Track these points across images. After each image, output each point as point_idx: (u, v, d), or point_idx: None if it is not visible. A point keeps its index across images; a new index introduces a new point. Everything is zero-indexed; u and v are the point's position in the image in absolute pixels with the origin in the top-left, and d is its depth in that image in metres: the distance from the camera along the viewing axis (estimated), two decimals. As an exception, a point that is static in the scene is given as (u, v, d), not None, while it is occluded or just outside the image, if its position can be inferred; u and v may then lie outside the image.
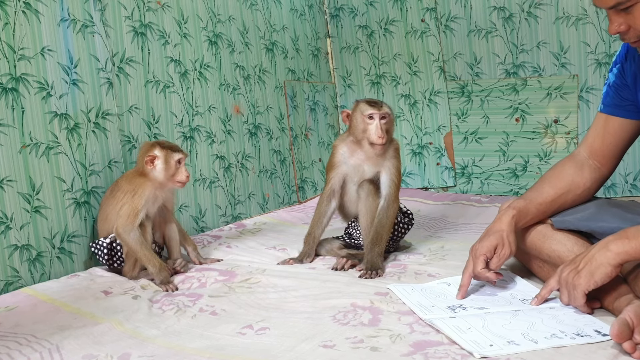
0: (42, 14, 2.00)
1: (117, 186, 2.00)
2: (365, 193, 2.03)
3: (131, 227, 1.90)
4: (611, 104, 1.67)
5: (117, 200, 1.95)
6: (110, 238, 1.96)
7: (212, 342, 1.44)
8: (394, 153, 2.06)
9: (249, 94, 2.93)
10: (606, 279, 1.37)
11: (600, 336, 1.32)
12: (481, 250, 1.61)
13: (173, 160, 1.96)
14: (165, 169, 1.95)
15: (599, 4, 1.39)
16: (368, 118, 1.99)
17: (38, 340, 1.46)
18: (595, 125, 1.72)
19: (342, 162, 2.08)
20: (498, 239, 1.61)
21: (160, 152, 1.95)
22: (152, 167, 1.95)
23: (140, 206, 1.92)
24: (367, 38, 3.47)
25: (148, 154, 1.95)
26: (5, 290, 1.86)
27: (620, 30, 1.40)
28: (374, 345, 1.37)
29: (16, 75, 1.92)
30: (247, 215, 2.86)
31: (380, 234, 1.98)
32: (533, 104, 3.07)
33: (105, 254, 1.96)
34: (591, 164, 1.71)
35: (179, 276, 1.96)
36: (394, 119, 2.05)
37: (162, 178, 1.96)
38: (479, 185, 3.27)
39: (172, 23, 2.52)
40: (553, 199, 1.68)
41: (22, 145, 1.93)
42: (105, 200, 2.02)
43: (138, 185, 1.94)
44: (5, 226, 1.87)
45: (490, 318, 1.45)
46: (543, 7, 2.96)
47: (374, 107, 1.99)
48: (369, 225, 2.02)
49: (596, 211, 1.64)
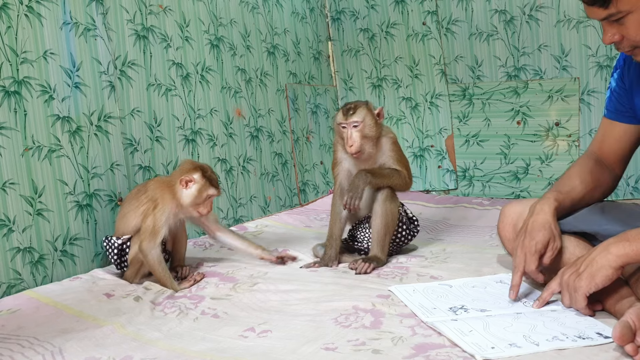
0: (45, 17, 2.00)
1: (145, 188, 1.97)
2: (383, 197, 2.01)
3: (153, 244, 1.87)
4: (613, 109, 1.68)
5: (140, 204, 1.93)
6: (123, 239, 1.95)
7: (214, 345, 1.45)
8: (391, 146, 2.06)
9: (251, 97, 2.93)
10: (607, 281, 1.37)
11: (602, 339, 1.32)
12: (537, 247, 1.53)
13: (206, 193, 1.93)
14: (195, 196, 1.92)
15: (591, 15, 1.41)
16: (342, 127, 1.99)
17: (40, 342, 1.47)
18: (601, 129, 1.73)
19: (343, 159, 2.08)
20: (549, 232, 1.54)
21: (200, 180, 1.91)
22: (183, 188, 1.91)
23: (161, 223, 1.88)
24: (368, 41, 3.47)
25: (187, 175, 1.91)
26: (8, 292, 1.86)
27: (614, 40, 1.41)
28: (376, 347, 1.37)
29: (19, 79, 1.92)
30: (248, 218, 2.86)
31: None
32: (534, 106, 3.07)
33: (115, 254, 1.96)
34: (607, 164, 1.72)
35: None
36: (371, 122, 1.99)
37: (188, 203, 1.92)
38: (480, 188, 3.27)
39: (174, 26, 2.53)
40: (583, 194, 1.67)
41: (24, 148, 1.94)
42: (130, 198, 1.99)
43: (162, 199, 1.91)
44: (8, 229, 1.88)
45: (491, 320, 1.45)
46: (544, 10, 2.96)
47: (344, 116, 1.98)
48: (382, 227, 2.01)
49: (597, 214, 1.65)
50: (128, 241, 1.95)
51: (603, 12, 1.37)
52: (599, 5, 1.36)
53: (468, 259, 2.03)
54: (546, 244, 1.54)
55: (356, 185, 1.94)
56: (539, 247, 1.54)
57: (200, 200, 1.92)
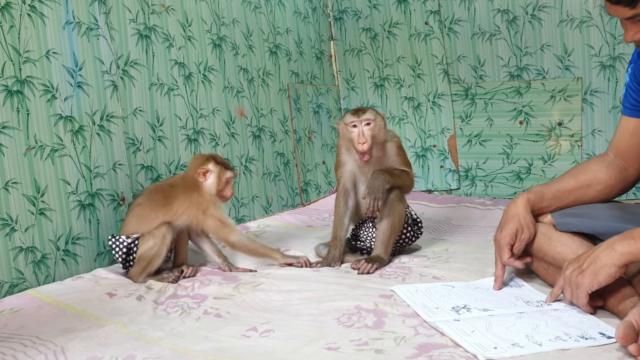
0: (47, 16, 2.01)
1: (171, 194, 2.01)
2: (393, 198, 2.00)
3: (237, 232, 2.03)
4: (629, 105, 1.67)
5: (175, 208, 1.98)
6: (132, 238, 1.95)
7: (216, 345, 1.44)
8: (397, 150, 2.05)
9: (253, 97, 2.93)
10: (610, 279, 1.37)
11: (605, 339, 1.32)
12: (504, 240, 1.65)
13: (224, 177, 2.05)
14: (217, 183, 2.04)
15: (614, 13, 1.40)
16: (352, 127, 1.98)
17: (43, 342, 1.47)
18: (619, 126, 1.73)
19: (347, 161, 2.07)
20: (516, 223, 1.65)
21: (215, 168, 2.04)
22: (203, 179, 2.02)
23: (224, 214, 2.03)
24: (370, 41, 3.47)
25: (202, 167, 2.03)
26: (10, 292, 1.86)
27: (636, 39, 1.42)
28: (379, 347, 1.36)
29: (21, 78, 1.93)
30: (250, 218, 2.86)
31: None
32: (537, 106, 3.07)
33: (123, 253, 1.96)
34: (618, 163, 1.71)
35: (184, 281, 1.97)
36: (382, 124, 2.00)
37: (214, 192, 2.04)
38: (482, 187, 3.26)
39: (177, 26, 2.53)
40: (572, 188, 1.70)
41: (27, 147, 1.94)
42: (142, 201, 2.00)
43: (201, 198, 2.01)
44: (10, 228, 1.88)
45: (494, 320, 1.45)
46: (547, 10, 2.96)
47: (355, 115, 1.97)
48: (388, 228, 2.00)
49: (600, 213, 1.64)
50: (137, 240, 1.96)
51: (629, 11, 1.37)
52: (625, 4, 1.36)
53: (470, 259, 2.02)
54: (514, 235, 1.65)
55: (376, 187, 1.92)
56: (507, 240, 1.65)
57: (222, 185, 2.05)
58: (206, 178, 2.03)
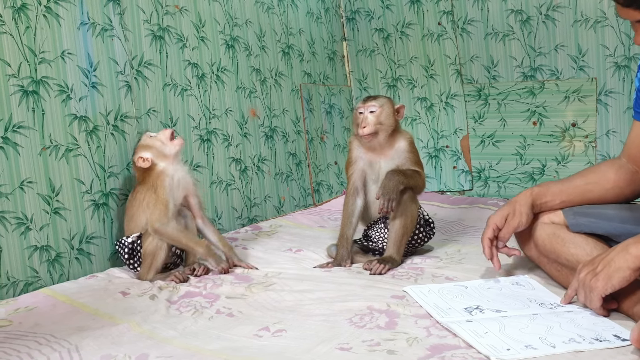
0: (63, 17, 2.02)
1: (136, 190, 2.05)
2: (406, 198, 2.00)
3: (166, 219, 1.97)
4: (639, 110, 1.66)
5: (140, 200, 2.00)
6: (132, 238, 1.97)
7: (228, 344, 1.45)
8: (408, 147, 2.05)
9: (265, 97, 2.94)
10: (624, 282, 1.36)
11: (620, 341, 1.31)
12: (492, 219, 1.71)
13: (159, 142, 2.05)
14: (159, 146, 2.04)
15: (625, 16, 1.39)
16: (359, 113, 2.01)
17: (57, 340, 1.48)
18: (631, 131, 1.72)
19: (358, 158, 2.07)
20: (510, 208, 1.68)
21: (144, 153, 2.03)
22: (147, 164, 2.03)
23: (166, 195, 1.99)
24: (383, 41, 3.47)
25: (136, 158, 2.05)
26: (25, 290, 1.88)
27: None
28: (391, 348, 1.36)
29: (37, 78, 1.94)
30: (262, 218, 2.87)
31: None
32: (551, 107, 3.05)
33: (126, 253, 1.98)
34: (630, 167, 1.70)
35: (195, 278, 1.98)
36: (389, 112, 2.01)
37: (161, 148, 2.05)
38: (495, 188, 3.25)
39: (190, 27, 2.54)
40: (577, 185, 1.70)
41: (42, 147, 1.95)
42: (129, 203, 2.06)
43: (154, 179, 2.01)
44: (25, 227, 1.90)
45: (507, 322, 1.45)
46: (561, 10, 2.94)
47: (363, 102, 2.02)
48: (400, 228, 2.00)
49: (614, 214, 1.63)
50: (138, 239, 1.98)
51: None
52: (636, 7, 1.35)
53: (483, 260, 2.00)
54: (504, 218, 1.69)
55: (390, 188, 1.92)
56: (494, 220, 1.70)
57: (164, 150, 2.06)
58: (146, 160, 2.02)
